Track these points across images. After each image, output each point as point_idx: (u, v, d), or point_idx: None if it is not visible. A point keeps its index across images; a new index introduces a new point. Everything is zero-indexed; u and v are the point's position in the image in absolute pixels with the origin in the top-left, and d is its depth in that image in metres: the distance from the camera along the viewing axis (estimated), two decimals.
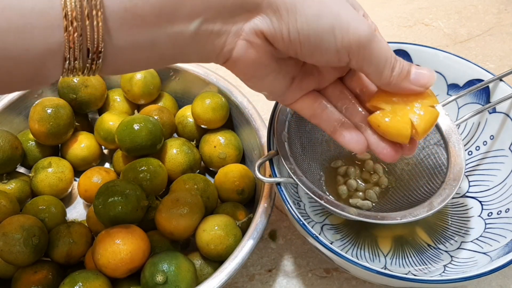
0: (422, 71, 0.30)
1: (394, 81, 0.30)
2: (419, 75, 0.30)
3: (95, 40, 0.24)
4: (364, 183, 0.47)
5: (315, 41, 0.27)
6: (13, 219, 0.42)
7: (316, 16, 0.26)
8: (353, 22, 0.27)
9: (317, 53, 0.28)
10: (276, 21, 0.27)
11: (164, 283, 0.39)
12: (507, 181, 0.45)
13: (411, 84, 0.30)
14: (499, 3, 0.75)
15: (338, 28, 0.27)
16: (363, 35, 0.27)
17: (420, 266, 0.44)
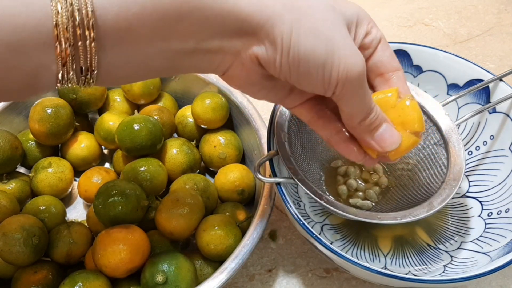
0: (388, 136, 0.31)
1: (358, 130, 0.30)
2: (383, 136, 0.31)
3: (88, 59, 0.24)
4: (364, 183, 0.47)
5: (304, 73, 0.27)
6: (13, 219, 0.42)
7: (309, 52, 0.26)
8: (346, 59, 0.27)
9: (304, 83, 0.28)
10: (271, 50, 0.27)
11: (164, 283, 0.39)
12: (507, 181, 0.45)
13: (371, 139, 0.31)
14: (499, 3, 0.75)
15: (330, 64, 0.27)
16: (352, 76, 0.27)
17: (420, 266, 0.44)
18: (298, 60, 0.27)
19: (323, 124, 0.33)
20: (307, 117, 0.33)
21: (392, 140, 0.31)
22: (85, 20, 0.23)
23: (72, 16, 0.23)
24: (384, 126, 0.31)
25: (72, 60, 0.24)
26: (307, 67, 0.27)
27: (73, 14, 0.23)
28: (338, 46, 0.27)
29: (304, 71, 0.27)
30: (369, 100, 0.29)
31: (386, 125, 0.31)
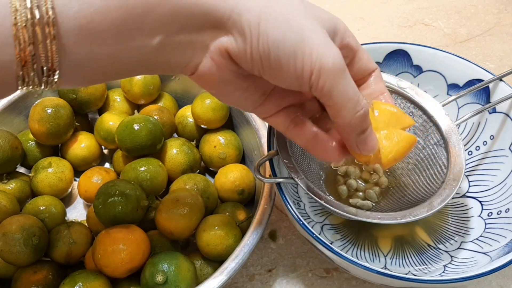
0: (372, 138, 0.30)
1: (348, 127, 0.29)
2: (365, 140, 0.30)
3: (49, 58, 0.23)
4: (364, 183, 0.47)
5: (275, 64, 0.26)
6: (13, 219, 0.42)
7: (278, 40, 0.25)
8: (318, 48, 0.26)
9: (278, 77, 0.27)
10: (240, 41, 0.26)
11: (164, 283, 0.39)
12: (507, 181, 0.45)
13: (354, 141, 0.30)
14: (499, 3, 0.75)
15: (301, 52, 0.25)
16: (326, 64, 0.26)
17: (420, 266, 0.44)
18: (268, 49, 0.26)
19: (300, 131, 0.31)
20: (283, 125, 0.32)
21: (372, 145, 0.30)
22: (45, 18, 0.22)
23: (31, 14, 0.22)
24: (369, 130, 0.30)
25: (33, 60, 0.23)
26: (278, 57, 0.26)
27: (33, 12, 0.22)
28: (309, 35, 0.26)
29: (276, 62, 0.26)
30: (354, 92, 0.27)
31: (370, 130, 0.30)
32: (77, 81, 0.26)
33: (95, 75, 0.26)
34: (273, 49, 0.25)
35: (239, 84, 0.29)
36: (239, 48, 0.26)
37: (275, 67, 0.26)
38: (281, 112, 0.32)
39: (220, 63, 0.28)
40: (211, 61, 0.28)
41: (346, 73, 0.27)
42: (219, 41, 0.27)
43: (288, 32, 0.25)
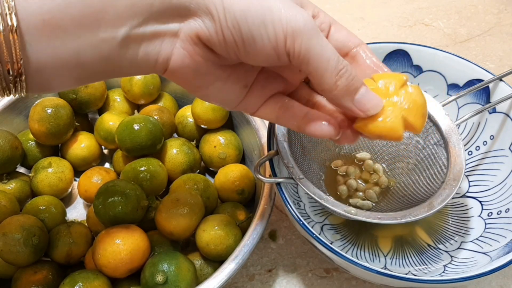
0: (370, 95, 0.28)
1: (337, 91, 0.27)
2: (366, 97, 0.27)
3: (14, 56, 0.23)
4: (364, 183, 0.47)
5: (248, 38, 0.25)
6: (13, 219, 0.42)
7: (244, 10, 0.24)
8: (287, 11, 0.25)
9: (254, 51, 0.26)
10: (209, 22, 0.25)
11: (164, 283, 0.39)
12: (507, 181, 0.45)
13: (353, 105, 0.27)
14: (499, 3, 0.75)
15: (270, 20, 0.25)
16: (297, 26, 0.25)
17: (420, 266, 0.44)
18: (237, 23, 0.25)
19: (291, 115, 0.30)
20: (273, 115, 0.31)
21: (374, 103, 0.28)
22: (7, 14, 0.22)
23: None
24: (363, 89, 0.27)
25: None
26: (249, 30, 0.25)
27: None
28: (274, 2, 0.25)
29: (248, 36, 0.25)
30: (332, 52, 0.26)
31: (365, 88, 0.27)
32: (46, 85, 0.26)
33: (62, 77, 0.26)
34: (242, 22, 0.25)
35: (218, 74, 0.28)
36: (209, 30, 0.25)
37: (249, 41, 0.25)
38: (268, 102, 0.31)
39: (193, 52, 0.27)
40: (184, 51, 0.27)
41: (320, 33, 0.25)
42: (187, 27, 0.26)
43: (253, 2, 0.25)
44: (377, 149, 0.48)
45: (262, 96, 0.30)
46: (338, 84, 0.26)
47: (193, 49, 0.26)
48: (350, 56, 0.31)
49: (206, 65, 0.27)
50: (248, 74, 0.29)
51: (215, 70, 0.28)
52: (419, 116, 0.29)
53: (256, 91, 0.30)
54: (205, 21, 0.25)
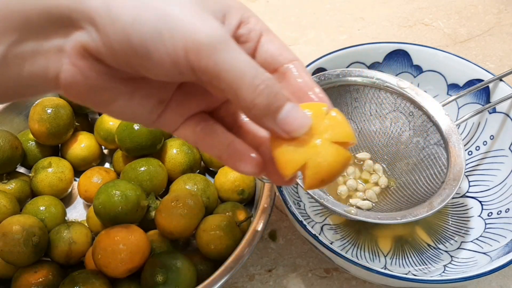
0: (294, 116, 0.23)
1: (256, 110, 0.23)
2: (288, 118, 0.23)
3: None
4: (364, 183, 0.47)
5: (142, 51, 0.22)
6: (13, 219, 0.42)
7: (135, 20, 0.21)
8: (187, 21, 0.21)
9: (151, 66, 0.23)
10: (94, 32, 0.22)
11: (164, 283, 0.39)
12: (507, 181, 0.45)
13: (275, 125, 0.23)
14: (499, 3, 0.75)
15: (167, 31, 0.21)
16: (200, 38, 0.21)
17: (420, 266, 0.44)
18: (127, 35, 0.21)
19: (213, 142, 0.27)
20: (192, 137, 0.27)
21: (301, 122, 0.24)
22: None
23: None
24: (289, 106, 0.23)
25: None
26: (142, 41, 0.21)
27: None
28: (173, 10, 0.22)
29: (141, 47, 0.22)
30: (247, 65, 0.22)
31: (291, 105, 0.24)
32: None
33: None
34: (133, 34, 0.21)
35: (119, 89, 0.25)
36: (96, 41, 0.22)
37: (143, 55, 0.22)
38: (188, 122, 0.27)
39: (84, 67, 0.23)
40: (73, 67, 0.23)
41: (231, 45, 0.22)
42: (73, 41, 0.23)
43: (145, 10, 0.21)
44: (377, 149, 0.48)
45: (181, 114, 0.27)
46: (256, 102, 0.22)
47: (83, 64, 0.23)
48: (280, 72, 0.27)
49: (102, 80, 0.24)
50: (163, 88, 0.26)
51: (115, 85, 0.24)
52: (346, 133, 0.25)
53: (174, 107, 0.27)
54: (90, 32, 0.22)
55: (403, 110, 0.46)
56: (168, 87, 0.26)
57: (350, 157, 0.25)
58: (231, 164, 0.26)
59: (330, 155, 0.24)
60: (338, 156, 0.24)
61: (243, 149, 0.26)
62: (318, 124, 0.25)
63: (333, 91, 0.46)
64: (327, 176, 0.24)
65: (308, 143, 0.24)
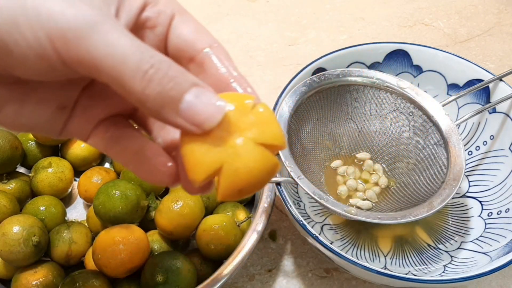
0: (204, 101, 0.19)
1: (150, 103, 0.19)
2: (194, 106, 0.19)
3: None
4: (364, 183, 0.47)
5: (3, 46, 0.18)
6: (13, 219, 0.42)
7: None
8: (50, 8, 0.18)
9: (15, 62, 0.19)
10: None
11: (164, 283, 0.39)
12: (507, 181, 0.45)
13: (179, 118, 0.19)
14: (499, 3, 0.75)
15: (24, 19, 0.18)
16: (65, 23, 0.18)
17: (420, 266, 0.44)
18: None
19: (121, 148, 0.23)
20: (102, 145, 0.24)
21: (213, 110, 0.19)
22: None
23: None
24: (194, 91, 0.19)
25: None
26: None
27: None
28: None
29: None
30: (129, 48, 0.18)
31: (197, 89, 0.19)
32: None
33: None
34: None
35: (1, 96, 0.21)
36: None
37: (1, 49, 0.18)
38: (99, 128, 0.23)
39: None
40: None
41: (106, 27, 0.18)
42: None
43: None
44: (377, 149, 0.48)
45: (90, 120, 0.23)
46: (147, 92, 0.18)
47: None
48: (197, 62, 0.22)
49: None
50: (61, 92, 0.22)
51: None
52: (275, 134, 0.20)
53: (80, 113, 0.23)
54: None
55: (403, 110, 0.46)
56: (68, 90, 0.22)
57: (277, 164, 0.20)
58: (139, 174, 0.23)
59: (253, 159, 0.19)
60: (262, 161, 0.19)
61: (153, 156, 0.22)
62: (240, 120, 0.20)
63: (333, 91, 0.46)
64: (246, 185, 0.20)
65: (226, 142, 0.19)
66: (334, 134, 0.48)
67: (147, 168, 0.22)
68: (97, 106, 0.23)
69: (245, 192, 0.20)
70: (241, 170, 0.19)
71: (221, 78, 0.22)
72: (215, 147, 0.19)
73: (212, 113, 0.19)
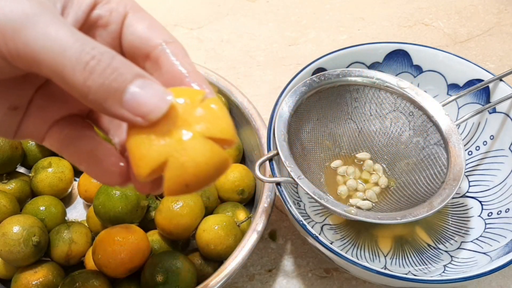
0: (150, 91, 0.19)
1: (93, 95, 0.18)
2: (139, 98, 0.19)
3: None
4: (364, 183, 0.47)
5: None
6: (13, 219, 0.42)
7: None
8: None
9: None
10: None
11: (164, 283, 0.39)
12: (507, 181, 0.45)
13: (123, 110, 0.19)
14: (499, 3, 0.75)
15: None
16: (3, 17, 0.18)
17: (420, 266, 0.44)
18: None
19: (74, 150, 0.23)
20: (57, 145, 0.23)
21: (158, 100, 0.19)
22: None
23: None
24: (139, 82, 0.19)
25: None
26: None
27: None
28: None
29: None
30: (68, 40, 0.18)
31: (142, 81, 0.19)
32: None
33: None
34: None
35: None
36: None
37: None
38: (54, 128, 0.23)
39: None
40: None
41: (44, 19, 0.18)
42: None
43: None
44: (377, 149, 0.48)
45: (45, 120, 0.23)
46: (89, 84, 0.18)
47: None
48: (153, 59, 0.22)
49: None
50: (15, 92, 0.22)
51: None
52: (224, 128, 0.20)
53: (34, 114, 0.22)
54: None
55: (403, 110, 0.46)
56: (20, 89, 0.22)
57: (227, 159, 0.20)
58: (90, 174, 0.23)
59: (200, 153, 0.19)
60: (210, 156, 0.19)
61: (105, 157, 0.22)
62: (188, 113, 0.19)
63: (333, 91, 0.46)
64: (193, 180, 0.19)
65: (172, 136, 0.19)
66: (334, 134, 0.48)
67: (99, 168, 0.22)
68: (52, 106, 0.23)
69: (193, 187, 0.19)
70: (187, 164, 0.19)
71: (175, 75, 0.22)
72: (161, 140, 0.19)
73: (157, 103, 0.19)
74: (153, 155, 0.19)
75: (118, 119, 0.19)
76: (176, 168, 0.19)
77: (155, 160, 0.19)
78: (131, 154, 0.19)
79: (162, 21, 0.75)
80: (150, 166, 0.19)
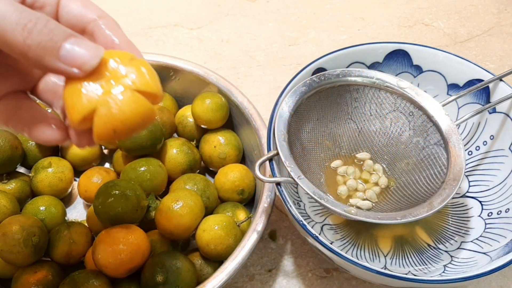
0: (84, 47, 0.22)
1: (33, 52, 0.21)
2: (74, 51, 0.22)
3: None
4: (364, 183, 0.47)
5: None
6: (13, 219, 0.42)
7: None
8: None
9: None
10: None
11: (164, 283, 0.39)
12: (507, 181, 0.45)
13: (60, 64, 0.22)
14: (499, 3, 0.75)
15: None
16: None
17: (420, 266, 0.44)
18: None
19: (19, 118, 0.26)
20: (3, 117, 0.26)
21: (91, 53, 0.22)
22: None
23: None
24: (72, 40, 0.22)
25: None
26: None
27: None
28: None
29: None
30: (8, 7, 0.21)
31: (75, 39, 0.22)
32: None
33: None
34: None
35: None
36: None
37: None
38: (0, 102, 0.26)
39: None
40: None
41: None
42: None
43: None
44: (377, 149, 0.48)
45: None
46: (29, 43, 0.21)
47: None
48: (88, 33, 0.25)
49: None
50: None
51: None
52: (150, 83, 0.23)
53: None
54: None
55: (403, 110, 0.46)
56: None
57: (153, 110, 0.23)
58: (32, 136, 0.26)
59: (126, 102, 0.22)
60: (136, 105, 0.22)
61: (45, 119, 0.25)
62: (119, 69, 0.23)
63: (333, 91, 0.46)
64: (120, 126, 0.22)
65: (102, 87, 0.22)
66: (334, 134, 0.48)
67: (39, 130, 0.25)
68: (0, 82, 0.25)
69: (120, 133, 0.22)
70: (114, 110, 0.22)
71: (108, 44, 0.25)
72: (92, 91, 0.22)
73: (91, 55, 0.22)
74: (84, 103, 0.22)
75: (56, 73, 0.22)
76: (104, 115, 0.22)
77: (85, 107, 0.22)
78: (66, 104, 0.22)
79: (162, 21, 0.75)
80: (81, 113, 0.22)
